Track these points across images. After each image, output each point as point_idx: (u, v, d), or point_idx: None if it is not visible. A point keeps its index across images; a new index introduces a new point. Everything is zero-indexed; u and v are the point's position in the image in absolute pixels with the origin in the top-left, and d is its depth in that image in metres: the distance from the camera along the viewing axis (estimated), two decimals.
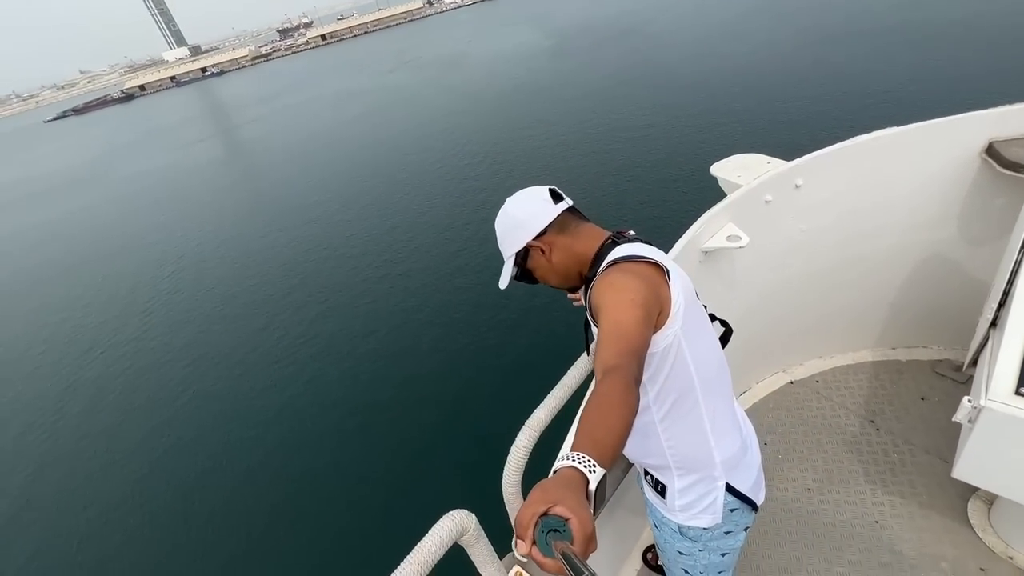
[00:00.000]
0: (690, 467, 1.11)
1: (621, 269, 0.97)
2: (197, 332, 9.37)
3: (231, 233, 14.21)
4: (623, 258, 1.00)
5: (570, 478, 0.62)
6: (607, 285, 0.95)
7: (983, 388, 1.27)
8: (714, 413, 1.09)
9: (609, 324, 0.87)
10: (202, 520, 5.60)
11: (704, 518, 1.12)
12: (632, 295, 0.90)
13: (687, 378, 1.04)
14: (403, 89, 29.34)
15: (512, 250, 1.12)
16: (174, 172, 24.16)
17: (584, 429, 0.72)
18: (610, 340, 0.84)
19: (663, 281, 0.99)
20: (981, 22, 14.62)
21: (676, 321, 0.98)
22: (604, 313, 0.90)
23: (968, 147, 1.85)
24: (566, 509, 0.56)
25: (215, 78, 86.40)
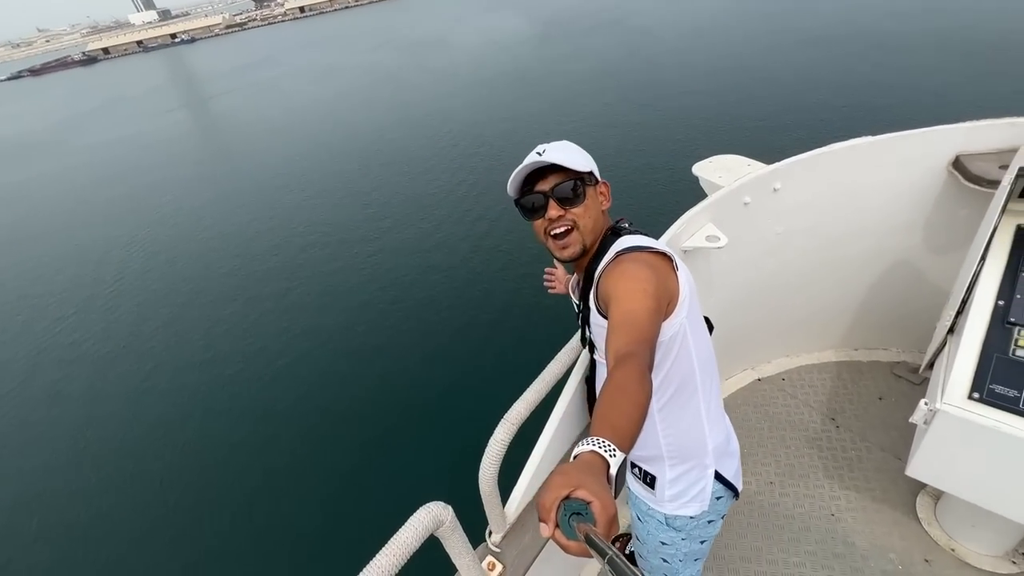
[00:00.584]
0: (683, 456, 1.13)
1: (632, 259, 0.98)
2: (162, 319, 8.94)
3: (200, 212, 13.68)
4: (632, 248, 1.01)
5: (591, 462, 0.63)
6: (620, 274, 0.96)
7: (939, 391, 1.34)
8: (709, 402, 1.13)
9: (621, 312, 0.88)
10: (175, 512, 5.45)
11: (692, 506, 1.16)
12: (644, 284, 0.92)
13: (689, 367, 1.06)
14: (385, 69, 28.65)
15: (592, 169, 1.09)
16: (141, 143, 23.07)
17: (601, 415, 0.72)
18: (623, 328, 0.85)
19: (671, 271, 1.01)
20: (955, 38, 15.12)
21: (683, 310, 1.01)
22: (616, 302, 0.91)
23: (937, 159, 1.92)
24: (588, 492, 0.56)
25: (185, 45, 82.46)
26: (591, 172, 1.07)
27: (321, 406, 6.46)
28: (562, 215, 1.06)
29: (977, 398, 1.26)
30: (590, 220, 1.07)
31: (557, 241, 1.08)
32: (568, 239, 1.08)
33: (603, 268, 1.02)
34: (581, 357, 1.36)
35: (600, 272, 1.02)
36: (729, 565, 1.85)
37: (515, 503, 1.30)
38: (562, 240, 1.08)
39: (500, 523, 1.25)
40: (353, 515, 4.95)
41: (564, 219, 1.06)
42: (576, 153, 1.08)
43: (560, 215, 1.06)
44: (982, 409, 1.24)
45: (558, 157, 1.02)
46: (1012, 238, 1.50)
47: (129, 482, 5.96)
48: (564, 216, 1.06)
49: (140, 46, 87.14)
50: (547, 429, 1.36)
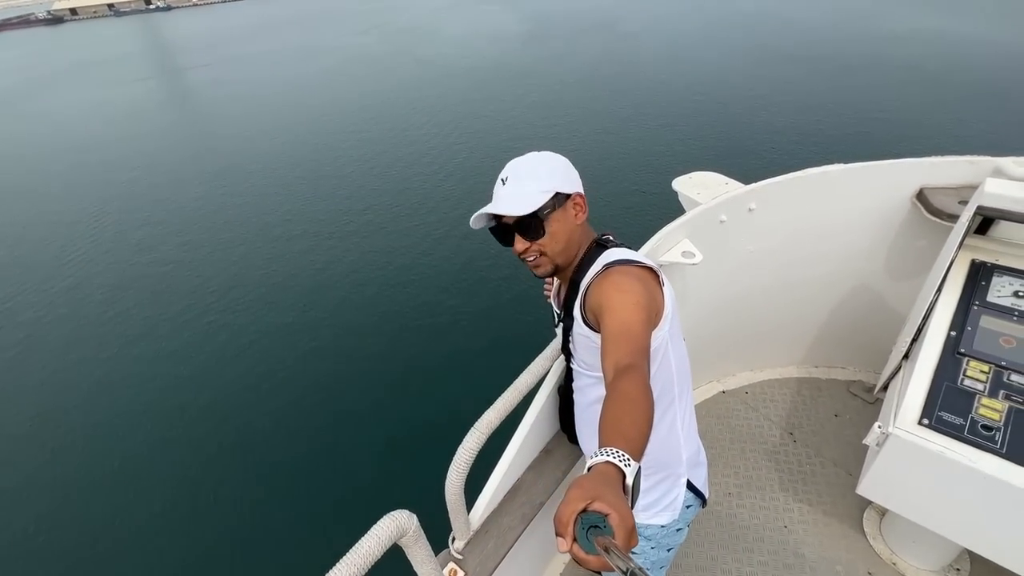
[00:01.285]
0: (658, 466, 1.15)
1: (622, 271, 0.99)
2: (117, 309, 8.39)
3: (167, 190, 13.09)
4: (621, 260, 1.02)
5: (606, 473, 0.62)
6: (611, 285, 0.97)
7: (892, 415, 1.40)
8: (684, 413, 1.15)
9: (617, 324, 0.90)
10: (129, 519, 5.20)
11: (664, 515, 1.18)
12: (636, 297, 0.93)
13: (668, 379, 1.09)
14: (371, 54, 28.12)
15: (558, 188, 1.06)
16: (106, 111, 22.02)
17: (610, 426, 0.72)
18: (621, 340, 0.87)
19: (658, 285, 1.03)
20: (927, 75, 15.87)
21: (666, 324, 1.03)
22: (610, 314, 0.92)
23: (901, 190, 2.01)
24: (605, 505, 0.56)
25: (160, 13, 79.04)
26: (555, 195, 1.05)
27: (288, 411, 6.25)
28: (527, 247, 1.07)
29: (926, 424, 1.32)
30: (559, 244, 1.07)
31: (528, 263, 1.11)
32: (537, 262, 1.09)
33: (591, 279, 1.03)
34: (554, 367, 1.37)
35: (588, 283, 1.03)
36: (685, 574, 1.90)
37: (480, 510, 1.30)
38: (532, 264, 1.10)
39: (464, 530, 1.24)
40: (317, 523, 4.83)
41: (530, 250, 1.08)
42: (534, 180, 1.05)
43: (525, 247, 1.07)
44: (930, 435, 1.31)
45: (511, 200, 1.03)
46: (967, 272, 1.58)
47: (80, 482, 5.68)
48: (530, 248, 1.07)
49: (111, 10, 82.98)
50: (516, 437, 1.37)
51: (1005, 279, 1.52)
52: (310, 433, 5.92)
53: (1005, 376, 1.35)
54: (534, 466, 1.47)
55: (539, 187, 1.04)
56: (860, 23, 23.10)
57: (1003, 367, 1.36)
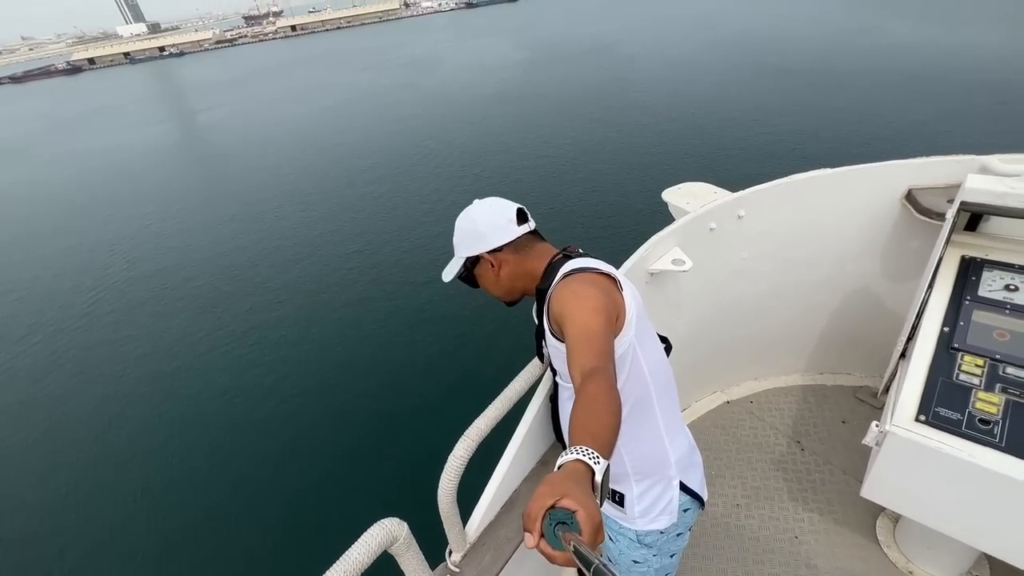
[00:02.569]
0: (647, 470, 1.16)
1: (579, 279, 1.02)
2: (126, 330, 8.75)
3: (177, 223, 13.52)
4: (578, 269, 1.05)
5: (575, 471, 0.63)
6: (569, 293, 1.00)
7: (889, 414, 1.39)
8: (667, 416, 1.16)
9: (578, 330, 0.91)
10: (122, 525, 5.25)
11: (662, 520, 1.17)
12: (593, 302, 0.95)
13: (643, 383, 1.10)
14: (374, 88, 28.97)
15: (465, 254, 1.19)
16: (124, 153, 22.77)
17: (579, 426, 0.73)
18: (583, 345, 0.89)
19: (616, 290, 1.05)
20: (911, 79, 16.15)
21: (631, 328, 1.04)
22: (570, 320, 0.95)
23: (890, 192, 2.02)
24: (573, 501, 0.57)
25: (174, 59, 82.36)
26: (467, 259, 1.20)
27: (279, 419, 6.33)
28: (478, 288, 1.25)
29: (924, 420, 1.31)
30: (496, 289, 1.22)
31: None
32: (497, 299, 1.25)
33: (552, 288, 1.06)
34: (546, 375, 1.38)
35: (549, 293, 1.06)
36: None
37: (476, 522, 1.29)
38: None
39: (460, 542, 1.24)
40: (307, 530, 4.84)
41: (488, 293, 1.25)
42: (461, 236, 1.20)
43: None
44: (928, 431, 1.29)
45: (447, 270, 1.23)
46: (956, 268, 1.58)
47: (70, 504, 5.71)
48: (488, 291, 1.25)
49: (127, 58, 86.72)
50: (511, 446, 1.37)
51: (995, 273, 1.52)
52: (302, 442, 5.95)
53: (1000, 369, 1.33)
54: (531, 477, 1.47)
55: (457, 254, 1.21)
56: (836, 38, 23.56)
57: (998, 360, 1.35)
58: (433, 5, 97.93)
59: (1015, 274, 1.50)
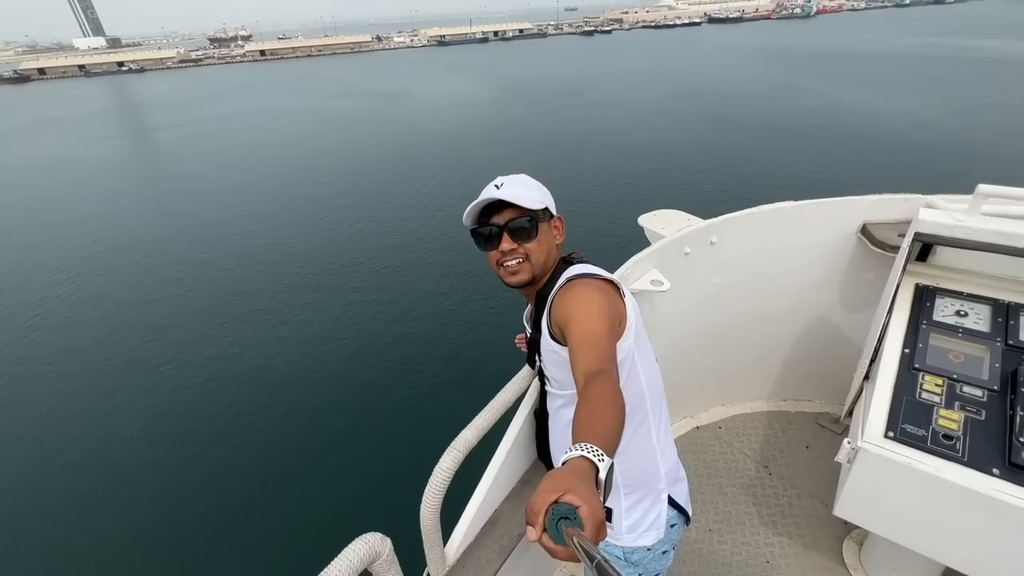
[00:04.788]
0: (637, 483, 1.13)
1: (583, 284, 1.02)
2: (84, 342, 8.22)
3: (129, 239, 12.86)
4: (582, 275, 1.05)
5: (580, 467, 0.63)
6: (574, 297, 1.00)
7: (859, 432, 1.43)
8: (659, 427, 1.15)
9: (582, 333, 0.91)
10: (99, 542, 4.96)
11: (650, 535, 1.14)
12: (598, 307, 0.96)
13: (639, 391, 1.09)
14: (343, 116, 29.01)
15: (548, 205, 1.12)
16: (68, 168, 21.63)
17: (583, 426, 0.73)
18: (587, 348, 0.89)
19: (619, 296, 1.06)
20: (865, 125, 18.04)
21: (630, 335, 1.05)
22: (575, 323, 0.94)
23: (847, 226, 2.16)
24: (576, 497, 0.57)
25: (133, 75, 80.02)
26: (546, 208, 1.12)
27: (264, 427, 6.14)
28: (514, 248, 1.10)
29: (892, 436, 1.36)
30: (542, 254, 1.11)
31: (507, 268, 1.12)
32: (518, 267, 1.11)
33: (555, 292, 1.05)
34: (532, 386, 1.36)
35: (553, 295, 1.06)
36: None
37: (456, 541, 1.23)
38: (512, 267, 1.11)
39: (439, 563, 1.17)
40: (288, 543, 4.66)
41: (516, 252, 1.10)
42: (533, 189, 1.12)
43: (513, 248, 1.10)
44: (896, 447, 1.34)
45: (514, 194, 1.07)
46: (912, 295, 1.68)
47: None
48: (516, 250, 1.10)
49: (82, 71, 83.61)
50: (494, 462, 1.33)
51: (947, 300, 1.63)
52: (282, 452, 5.78)
53: (958, 388, 1.41)
54: (512, 497, 1.42)
55: (535, 196, 1.10)
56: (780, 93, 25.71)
57: (955, 380, 1.43)
58: (405, 40, 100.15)
59: (964, 301, 1.62)
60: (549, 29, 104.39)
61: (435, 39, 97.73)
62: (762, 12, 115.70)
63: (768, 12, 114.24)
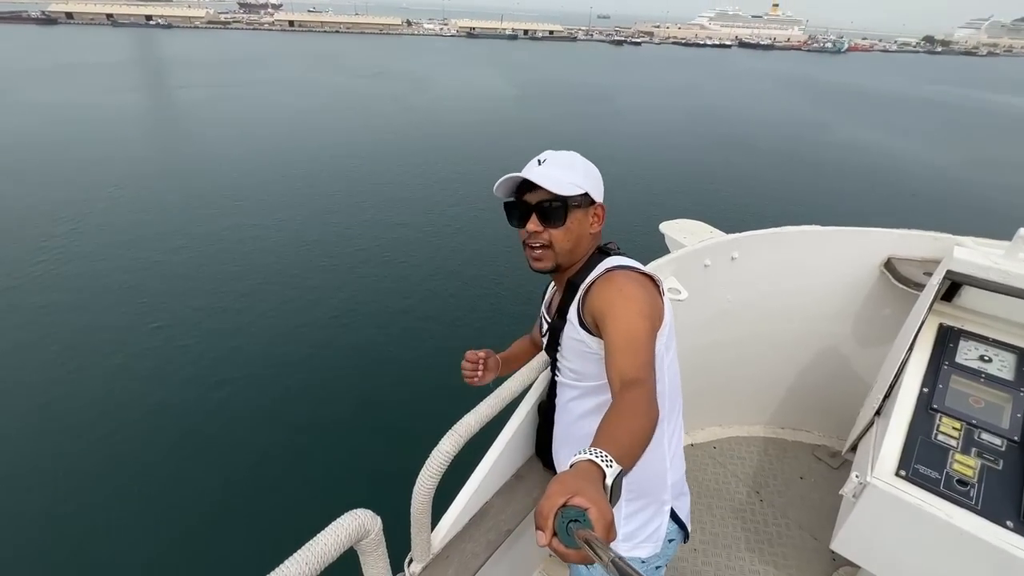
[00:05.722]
0: (641, 491, 1.08)
1: (625, 276, 0.97)
2: (86, 314, 8.12)
3: (146, 201, 12.78)
4: (622, 266, 1.00)
5: (587, 470, 0.63)
6: (615, 290, 0.94)
7: (868, 467, 1.38)
8: (672, 433, 1.10)
9: (623, 333, 0.88)
10: (90, 504, 4.95)
11: (646, 547, 1.09)
12: (640, 305, 0.91)
13: (661, 391, 1.03)
14: (366, 95, 28.93)
15: (590, 191, 1.05)
16: (87, 114, 21.56)
17: (605, 431, 0.73)
18: (627, 351, 0.85)
19: (659, 294, 1.01)
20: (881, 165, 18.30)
21: (663, 336, 1.00)
22: (614, 321, 0.90)
23: (872, 257, 2.11)
24: (585, 499, 0.57)
25: (161, 30, 79.90)
26: (585, 194, 1.05)
27: (264, 398, 6.13)
28: (539, 232, 1.03)
29: (904, 475, 1.31)
30: (568, 242, 1.05)
31: (531, 252, 1.07)
32: (541, 254, 1.05)
33: (592, 281, 1.00)
34: (537, 382, 1.31)
35: (588, 284, 1.00)
36: None
37: (443, 531, 1.18)
38: (536, 253, 1.06)
39: (424, 550, 1.12)
40: (280, 515, 4.65)
41: (541, 236, 1.04)
42: (575, 172, 1.04)
43: (538, 231, 1.04)
44: (908, 487, 1.29)
45: (548, 175, 1.01)
46: (935, 334, 1.64)
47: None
48: (541, 233, 1.04)
49: (109, 19, 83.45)
50: (487, 456, 1.28)
51: (971, 343, 1.59)
52: (279, 431, 5.76)
53: (976, 435, 1.37)
54: (504, 491, 1.37)
55: (574, 180, 1.03)
56: (808, 128, 25.72)
57: (974, 425, 1.38)
58: (435, 28, 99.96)
59: (988, 346, 1.57)
60: (579, 34, 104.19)
61: (464, 30, 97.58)
62: (793, 43, 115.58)
63: (799, 44, 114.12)
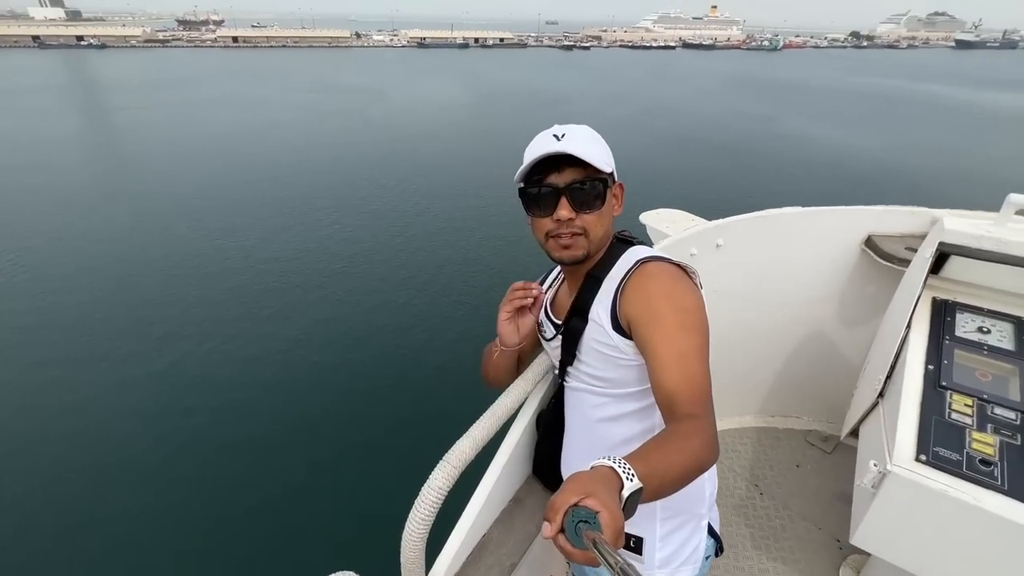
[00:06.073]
0: (678, 507, 0.95)
1: (668, 274, 0.85)
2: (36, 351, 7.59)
3: (82, 228, 11.98)
4: (659, 258, 0.88)
5: (606, 476, 0.60)
6: (662, 293, 0.82)
7: (884, 453, 1.31)
8: None
9: (677, 357, 0.79)
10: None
11: (685, 570, 0.97)
12: (693, 317, 0.81)
13: None
14: (317, 110, 28.23)
15: (613, 168, 0.90)
16: (9, 142, 20.11)
17: (642, 450, 0.68)
18: (684, 380, 0.77)
19: (699, 289, 0.90)
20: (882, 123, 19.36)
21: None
22: (664, 336, 0.79)
23: (853, 235, 2.08)
24: (598, 502, 0.55)
25: (93, 50, 75.87)
26: (612, 172, 0.91)
27: (236, 438, 5.81)
28: (572, 219, 0.88)
29: (924, 460, 1.24)
30: (602, 228, 0.91)
31: (558, 241, 0.90)
32: (573, 241, 0.90)
33: (626, 276, 0.87)
34: (536, 391, 1.17)
35: (624, 279, 0.87)
36: None
37: (440, 574, 1.02)
38: (565, 241, 0.90)
39: None
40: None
41: (574, 224, 0.88)
42: (599, 146, 0.90)
43: (571, 218, 0.87)
44: (930, 472, 1.22)
45: (582, 150, 0.84)
46: (931, 309, 1.60)
47: None
48: (574, 220, 0.88)
49: (36, 41, 78.65)
50: (486, 479, 1.13)
51: (967, 316, 1.55)
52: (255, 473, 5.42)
53: (989, 410, 1.31)
54: (503, 519, 1.22)
55: (602, 155, 0.88)
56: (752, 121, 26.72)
57: (986, 400, 1.33)
58: (385, 40, 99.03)
59: (985, 317, 1.53)
60: (529, 40, 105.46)
61: (415, 40, 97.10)
62: (733, 42, 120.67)
63: (739, 43, 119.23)
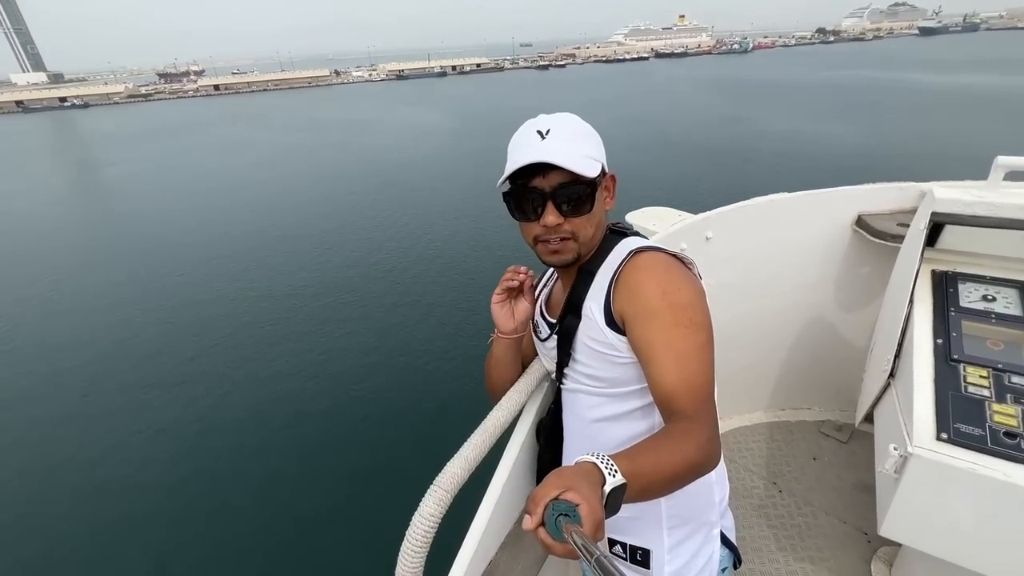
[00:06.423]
0: (686, 515, 0.88)
1: (666, 265, 0.81)
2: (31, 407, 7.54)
3: (77, 281, 11.94)
4: (654, 248, 0.84)
5: (588, 471, 0.60)
6: (657, 290, 0.78)
7: (904, 435, 1.24)
8: None
9: (676, 355, 0.75)
10: None
11: None
12: (691, 314, 0.77)
13: None
14: (302, 148, 28.49)
15: (601, 162, 0.85)
16: None
17: (632, 449, 0.67)
18: (682, 382, 0.74)
19: (699, 280, 0.88)
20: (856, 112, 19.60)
21: None
22: (661, 333, 0.76)
23: (843, 217, 2.05)
24: (577, 495, 0.55)
25: (77, 110, 76.78)
26: (603, 166, 0.86)
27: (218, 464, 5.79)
28: (560, 224, 0.83)
29: (946, 439, 1.18)
30: (592, 229, 0.87)
31: (547, 246, 0.86)
32: (562, 246, 0.86)
33: (619, 269, 0.82)
34: (532, 399, 1.11)
35: (617, 271, 0.82)
36: None
37: None
38: (554, 246, 0.86)
39: None
40: None
41: (562, 229, 0.84)
42: (587, 142, 0.85)
43: (558, 224, 0.83)
44: (953, 450, 1.16)
45: (564, 152, 0.80)
46: (931, 281, 1.55)
47: None
48: (562, 226, 0.84)
49: (19, 106, 79.56)
50: (485, 502, 1.05)
51: (969, 285, 1.50)
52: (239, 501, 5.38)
53: (1006, 379, 1.26)
54: (509, 543, 1.15)
55: (589, 152, 0.84)
56: (730, 123, 27.12)
57: (1001, 370, 1.28)
58: (364, 75, 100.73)
59: (988, 285, 1.49)
60: (506, 64, 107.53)
61: (394, 73, 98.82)
62: (704, 48, 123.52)
63: (709, 48, 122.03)
